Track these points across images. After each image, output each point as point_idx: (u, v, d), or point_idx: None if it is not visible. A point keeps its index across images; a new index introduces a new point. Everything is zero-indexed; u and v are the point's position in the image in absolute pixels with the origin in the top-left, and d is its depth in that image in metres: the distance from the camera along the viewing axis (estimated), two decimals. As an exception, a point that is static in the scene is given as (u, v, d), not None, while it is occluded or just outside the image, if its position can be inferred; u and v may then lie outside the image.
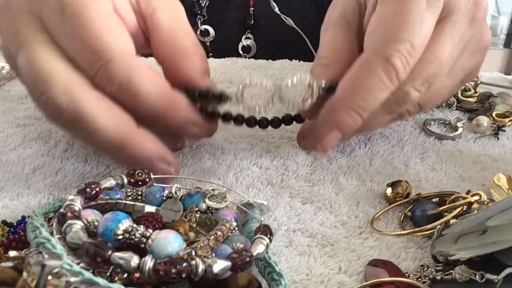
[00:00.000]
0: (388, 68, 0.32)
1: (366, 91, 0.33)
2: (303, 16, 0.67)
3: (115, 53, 0.31)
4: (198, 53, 0.36)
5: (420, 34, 0.32)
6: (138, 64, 0.32)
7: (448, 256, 0.27)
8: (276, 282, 0.25)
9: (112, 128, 0.31)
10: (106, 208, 0.30)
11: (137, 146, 0.32)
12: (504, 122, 0.44)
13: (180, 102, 0.34)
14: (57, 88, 0.30)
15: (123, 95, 0.32)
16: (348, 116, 0.34)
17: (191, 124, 0.35)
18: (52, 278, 0.20)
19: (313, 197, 0.34)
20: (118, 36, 0.32)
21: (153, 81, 0.32)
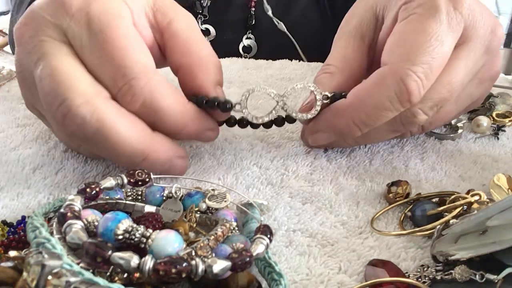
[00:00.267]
0: (401, 89, 0.31)
1: (373, 107, 0.33)
2: (304, 21, 0.68)
3: (139, 70, 0.31)
4: (214, 62, 0.36)
5: (439, 57, 0.32)
6: (160, 81, 0.32)
7: (448, 256, 0.27)
8: (276, 282, 0.25)
9: (135, 137, 0.31)
10: (106, 208, 0.30)
11: (159, 151, 0.33)
12: (504, 122, 0.44)
13: (197, 115, 0.34)
14: (80, 98, 0.30)
15: (145, 112, 0.32)
16: (347, 126, 0.34)
17: (209, 131, 0.36)
18: (52, 278, 0.20)
19: (313, 197, 0.34)
20: (141, 53, 0.32)
21: (174, 97, 0.33)
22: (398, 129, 0.35)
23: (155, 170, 0.32)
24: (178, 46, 0.35)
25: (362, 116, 0.33)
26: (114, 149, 0.31)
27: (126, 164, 0.34)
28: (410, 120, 0.34)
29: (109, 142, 0.31)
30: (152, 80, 0.32)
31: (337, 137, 0.35)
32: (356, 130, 0.34)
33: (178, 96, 0.33)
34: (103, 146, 0.32)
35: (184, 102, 0.34)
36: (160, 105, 0.32)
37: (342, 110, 0.34)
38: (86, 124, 0.30)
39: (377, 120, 0.33)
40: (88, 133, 0.31)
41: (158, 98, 0.32)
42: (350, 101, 0.34)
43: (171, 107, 0.32)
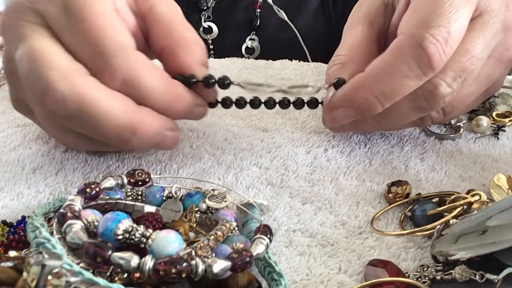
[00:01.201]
0: (420, 54, 0.30)
1: (392, 76, 0.31)
2: (311, 28, 0.68)
3: (117, 48, 0.31)
4: (198, 44, 0.35)
5: (456, 22, 0.31)
6: (141, 58, 0.32)
7: (448, 256, 0.27)
8: (276, 282, 0.25)
9: (120, 110, 0.30)
10: (106, 208, 0.30)
11: (147, 124, 0.31)
12: (504, 122, 0.44)
13: (183, 91, 0.33)
14: (58, 74, 0.30)
15: (127, 91, 0.31)
16: (366, 99, 0.32)
17: (196, 108, 0.35)
18: (52, 278, 0.20)
19: (313, 197, 0.34)
20: (119, 31, 0.32)
21: (157, 75, 0.32)
22: (421, 105, 0.33)
23: (146, 145, 0.32)
24: (161, 29, 0.35)
25: (381, 86, 0.32)
26: (100, 125, 0.30)
27: (115, 142, 0.32)
28: (432, 94, 0.32)
29: (92, 118, 0.30)
30: (132, 58, 0.31)
31: (358, 113, 0.34)
32: (376, 103, 0.32)
33: (161, 73, 0.33)
34: (87, 123, 0.30)
35: (169, 79, 0.33)
36: (142, 83, 0.31)
37: (360, 82, 0.33)
38: (66, 100, 0.29)
39: (397, 90, 0.32)
40: (70, 110, 0.30)
41: (140, 76, 0.31)
42: (368, 72, 0.32)
43: (155, 84, 0.32)
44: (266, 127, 0.43)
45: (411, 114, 0.34)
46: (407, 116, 0.35)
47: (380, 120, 0.36)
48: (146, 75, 0.31)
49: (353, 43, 0.37)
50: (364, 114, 0.34)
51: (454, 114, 0.38)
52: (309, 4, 0.68)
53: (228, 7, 0.67)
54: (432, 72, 0.31)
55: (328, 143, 0.41)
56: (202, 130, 0.43)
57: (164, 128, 0.33)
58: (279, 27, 0.67)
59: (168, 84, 0.33)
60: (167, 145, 0.34)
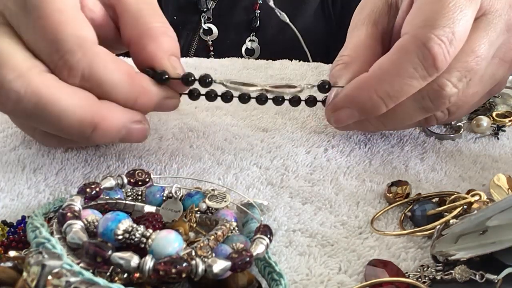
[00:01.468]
0: (425, 54, 0.30)
1: (396, 76, 0.31)
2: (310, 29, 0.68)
3: (73, 43, 0.30)
4: (166, 33, 0.34)
5: (460, 23, 0.31)
6: (99, 52, 0.31)
7: (448, 256, 0.27)
8: (276, 282, 0.25)
9: (78, 106, 0.30)
10: (106, 208, 0.30)
11: (109, 118, 0.31)
12: (504, 122, 0.44)
13: (149, 85, 0.33)
14: (12, 73, 0.29)
15: (87, 87, 0.31)
16: (370, 99, 0.32)
17: (167, 100, 0.34)
18: (52, 278, 0.20)
19: (313, 197, 0.34)
20: (77, 26, 0.31)
21: (118, 68, 0.31)
22: (426, 105, 0.33)
23: (110, 140, 0.32)
24: (128, 19, 0.34)
25: (385, 86, 0.31)
26: (59, 122, 0.30)
27: (78, 138, 0.32)
28: (438, 94, 0.32)
29: (51, 115, 0.30)
30: (89, 52, 0.30)
31: (361, 113, 0.34)
32: (380, 104, 0.32)
33: (123, 66, 0.32)
34: (47, 121, 0.30)
35: (131, 72, 0.32)
36: (102, 77, 0.30)
37: (364, 82, 0.33)
38: (22, 99, 0.29)
39: (401, 90, 0.31)
40: (28, 109, 0.29)
41: (99, 70, 0.30)
42: (372, 72, 0.32)
43: (116, 78, 0.31)
44: (266, 127, 0.43)
45: (416, 114, 0.34)
46: (412, 116, 0.35)
47: (384, 121, 0.36)
48: (106, 70, 0.31)
49: (357, 43, 0.37)
50: (368, 114, 0.34)
51: (459, 114, 0.38)
52: (308, 5, 0.68)
53: (228, 8, 0.67)
54: (437, 73, 0.31)
55: (328, 143, 0.41)
56: (202, 130, 0.43)
57: (129, 121, 0.32)
58: (279, 28, 0.67)
59: (131, 78, 0.32)
60: (134, 138, 0.33)
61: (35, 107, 0.29)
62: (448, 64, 0.31)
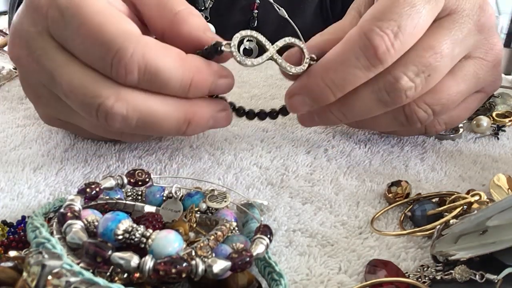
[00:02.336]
0: (366, 45, 0.31)
1: (340, 64, 0.32)
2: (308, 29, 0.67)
3: (122, 39, 0.30)
4: (193, 13, 0.35)
5: (408, 17, 0.31)
6: (148, 42, 0.31)
7: (448, 256, 0.27)
8: (276, 282, 0.25)
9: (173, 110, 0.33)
10: (106, 208, 0.30)
11: (199, 113, 0.33)
12: (504, 122, 0.44)
13: (202, 64, 0.33)
14: (110, 98, 0.31)
15: (146, 79, 0.31)
16: (318, 87, 0.33)
17: (221, 79, 0.34)
18: (52, 278, 0.20)
19: (313, 197, 0.34)
20: (119, 23, 0.31)
21: (169, 53, 0.32)
22: (383, 98, 0.33)
23: (201, 130, 0.34)
24: (153, 12, 0.34)
25: (331, 74, 0.32)
26: (161, 128, 0.33)
27: (175, 135, 0.36)
28: (393, 87, 0.33)
29: (153, 125, 0.32)
30: (139, 44, 0.31)
31: (312, 101, 0.34)
32: (327, 91, 0.33)
33: (173, 50, 0.32)
34: (150, 130, 0.33)
35: (182, 54, 0.32)
36: (158, 65, 0.31)
37: (313, 69, 0.34)
38: (128, 118, 0.31)
39: (346, 79, 0.32)
40: (132, 124, 0.32)
41: (153, 59, 0.31)
42: (320, 61, 0.33)
43: (170, 63, 0.31)
44: (266, 127, 0.43)
45: (375, 107, 0.34)
46: (371, 108, 0.35)
47: (345, 111, 0.35)
48: (159, 57, 0.31)
49: (339, 26, 0.38)
50: (318, 102, 0.34)
51: (447, 116, 0.38)
52: (307, 5, 0.68)
53: (226, 8, 0.67)
54: (381, 64, 0.32)
55: (328, 143, 0.41)
56: (202, 130, 0.43)
57: (214, 111, 0.35)
58: (277, 28, 0.67)
59: (183, 60, 0.32)
60: (222, 124, 0.36)
61: (138, 122, 0.32)
62: (394, 57, 0.32)
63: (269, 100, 0.50)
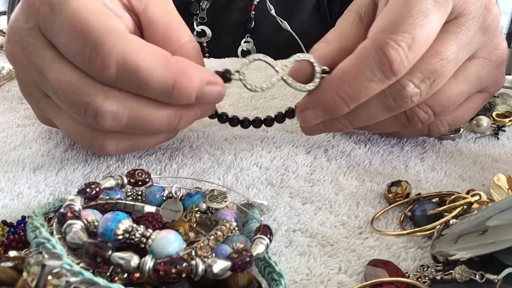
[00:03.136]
0: (382, 59, 0.31)
1: (355, 78, 0.32)
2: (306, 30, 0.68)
3: (102, 34, 0.30)
4: (195, 47, 0.35)
5: (422, 28, 0.31)
6: (130, 39, 0.31)
7: (448, 256, 0.27)
8: (276, 282, 0.25)
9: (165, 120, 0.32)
10: (106, 208, 0.30)
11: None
12: (504, 122, 0.44)
13: (188, 64, 0.32)
14: (99, 97, 0.31)
15: (124, 78, 0.30)
16: (332, 100, 0.33)
17: (210, 86, 0.32)
18: (52, 278, 0.20)
19: (313, 197, 0.34)
20: (104, 18, 0.31)
21: (152, 52, 0.31)
22: (389, 104, 0.34)
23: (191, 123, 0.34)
24: (157, 35, 0.34)
25: (345, 88, 0.32)
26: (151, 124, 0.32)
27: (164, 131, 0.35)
28: (400, 94, 0.33)
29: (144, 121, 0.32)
30: (120, 40, 0.30)
31: (326, 114, 0.34)
32: (342, 105, 0.33)
33: (157, 50, 0.31)
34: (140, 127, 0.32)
35: (167, 55, 0.32)
36: (137, 63, 0.30)
37: (327, 83, 0.34)
38: (119, 116, 0.31)
39: (361, 92, 0.32)
40: (123, 123, 0.31)
41: (133, 57, 0.30)
42: (334, 74, 0.33)
43: (151, 62, 0.30)
44: (266, 127, 0.43)
45: (381, 113, 0.35)
46: (377, 115, 0.35)
47: (351, 118, 0.36)
48: (140, 55, 0.30)
49: (341, 30, 0.37)
50: (331, 114, 0.34)
51: (454, 117, 0.38)
52: (304, 5, 0.68)
53: (223, 9, 0.67)
54: (395, 76, 0.32)
55: (328, 143, 0.41)
56: (202, 130, 0.43)
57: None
58: (274, 29, 0.67)
59: (166, 60, 0.31)
60: (208, 112, 0.35)
61: (129, 119, 0.32)
62: (407, 68, 0.32)
63: (269, 100, 0.50)
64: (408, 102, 0.33)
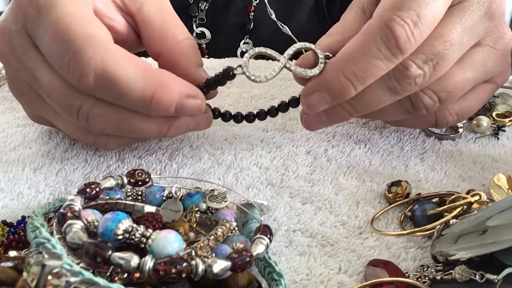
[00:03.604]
0: (387, 35, 0.31)
1: (361, 56, 0.31)
2: (304, 30, 0.67)
3: (83, 41, 0.30)
4: (191, 45, 0.35)
5: (427, 6, 0.31)
6: (110, 48, 0.30)
7: (448, 256, 0.27)
8: (276, 282, 0.25)
9: None
10: (106, 208, 0.30)
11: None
12: (504, 122, 0.44)
13: (168, 77, 0.32)
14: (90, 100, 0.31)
15: (102, 88, 0.30)
16: (338, 81, 0.32)
17: (189, 99, 0.32)
18: (52, 278, 0.20)
19: (313, 197, 0.34)
20: (88, 26, 0.31)
21: (132, 63, 0.31)
22: (393, 86, 0.33)
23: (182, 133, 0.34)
24: (154, 33, 0.34)
25: (351, 67, 0.32)
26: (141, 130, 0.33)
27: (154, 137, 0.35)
28: (403, 74, 0.32)
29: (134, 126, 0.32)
30: (100, 49, 0.30)
31: (332, 98, 0.33)
32: (349, 86, 0.32)
33: (137, 61, 0.31)
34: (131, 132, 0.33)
35: (148, 67, 0.32)
36: (116, 73, 0.30)
37: (332, 64, 0.33)
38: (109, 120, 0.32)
39: (367, 71, 0.32)
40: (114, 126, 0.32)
41: (112, 66, 0.30)
42: (339, 54, 0.33)
43: (131, 73, 0.30)
44: (266, 127, 0.43)
45: (385, 97, 0.34)
46: (381, 99, 0.34)
47: (355, 105, 0.35)
48: (119, 65, 0.30)
49: (345, 23, 0.37)
50: (338, 97, 0.33)
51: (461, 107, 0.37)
52: (303, 5, 0.68)
53: (222, 10, 0.67)
54: (401, 54, 0.31)
55: (328, 143, 0.41)
56: (202, 130, 0.43)
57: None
58: (273, 30, 0.66)
59: (147, 72, 0.31)
60: (202, 126, 0.36)
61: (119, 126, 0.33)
62: (414, 46, 0.31)
63: (269, 100, 0.50)
64: (411, 83, 0.33)
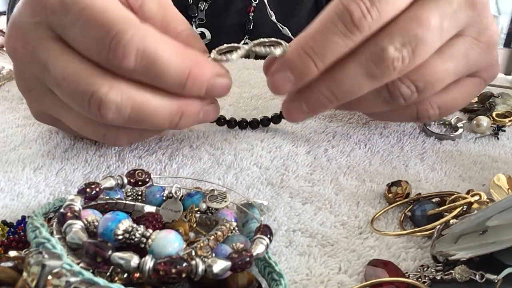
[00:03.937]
0: (342, 11, 0.31)
1: (318, 32, 0.32)
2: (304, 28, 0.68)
3: (122, 22, 0.30)
4: (193, 35, 0.36)
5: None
6: (149, 28, 0.31)
7: (448, 256, 0.27)
8: (276, 282, 0.25)
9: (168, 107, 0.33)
10: (106, 208, 0.30)
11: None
12: (504, 122, 0.44)
13: (202, 58, 0.33)
14: (104, 86, 0.31)
15: (142, 67, 0.31)
16: (299, 58, 0.33)
17: (219, 77, 0.34)
18: (52, 278, 0.20)
19: (313, 197, 0.34)
20: (120, 9, 0.31)
21: (169, 42, 0.32)
22: (371, 70, 0.33)
23: (192, 124, 0.34)
24: (156, 27, 0.34)
25: (310, 43, 0.32)
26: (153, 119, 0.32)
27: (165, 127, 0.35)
28: (380, 57, 0.32)
29: (146, 115, 0.32)
30: (140, 29, 0.31)
31: (295, 76, 0.33)
32: (309, 62, 0.32)
33: (172, 40, 0.32)
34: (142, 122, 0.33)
35: (182, 46, 0.32)
36: (157, 52, 0.31)
37: (293, 42, 0.34)
38: (122, 107, 0.31)
39: (326, 46, 0.32)
40: (126, 115, 0.32)
41: (152, 45, 0.31)
42: (302, 33, 0.33)
43: (169, 51, 0.31)
44: (266, 127, 0.43)
45: (364, 82, 0.33)
46: (360, 84, 0.34)
47: (334, 90, 0.34)
48: (159, 44, 0.31)
49: None
50: (301, 75, 0.33)
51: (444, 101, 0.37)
52: (302, 5, 0.68)
53: (222, 10, 0.67)
54: (358, 31, 0.31)
55: (328, 143, 0.41)
56: (202, 130, 0.43)
57: (204, 104, 0.34)
58: (273, 31, 0.67)
59: (182, 51, 0.32)
60: (210, 117, 0.35)
61: (132, 111, 0.32)
62: (372, 25, 0.31)
63: (269, 100, 0.50)
64: (389, 67, 0.33)
